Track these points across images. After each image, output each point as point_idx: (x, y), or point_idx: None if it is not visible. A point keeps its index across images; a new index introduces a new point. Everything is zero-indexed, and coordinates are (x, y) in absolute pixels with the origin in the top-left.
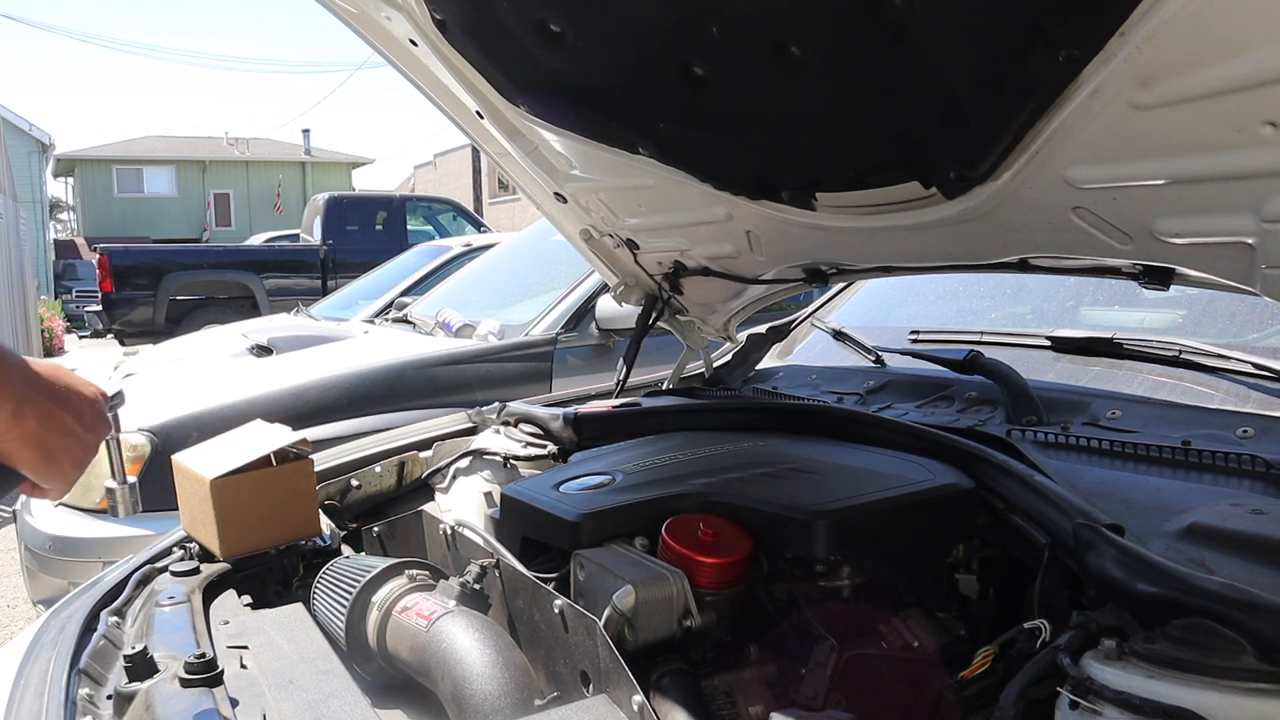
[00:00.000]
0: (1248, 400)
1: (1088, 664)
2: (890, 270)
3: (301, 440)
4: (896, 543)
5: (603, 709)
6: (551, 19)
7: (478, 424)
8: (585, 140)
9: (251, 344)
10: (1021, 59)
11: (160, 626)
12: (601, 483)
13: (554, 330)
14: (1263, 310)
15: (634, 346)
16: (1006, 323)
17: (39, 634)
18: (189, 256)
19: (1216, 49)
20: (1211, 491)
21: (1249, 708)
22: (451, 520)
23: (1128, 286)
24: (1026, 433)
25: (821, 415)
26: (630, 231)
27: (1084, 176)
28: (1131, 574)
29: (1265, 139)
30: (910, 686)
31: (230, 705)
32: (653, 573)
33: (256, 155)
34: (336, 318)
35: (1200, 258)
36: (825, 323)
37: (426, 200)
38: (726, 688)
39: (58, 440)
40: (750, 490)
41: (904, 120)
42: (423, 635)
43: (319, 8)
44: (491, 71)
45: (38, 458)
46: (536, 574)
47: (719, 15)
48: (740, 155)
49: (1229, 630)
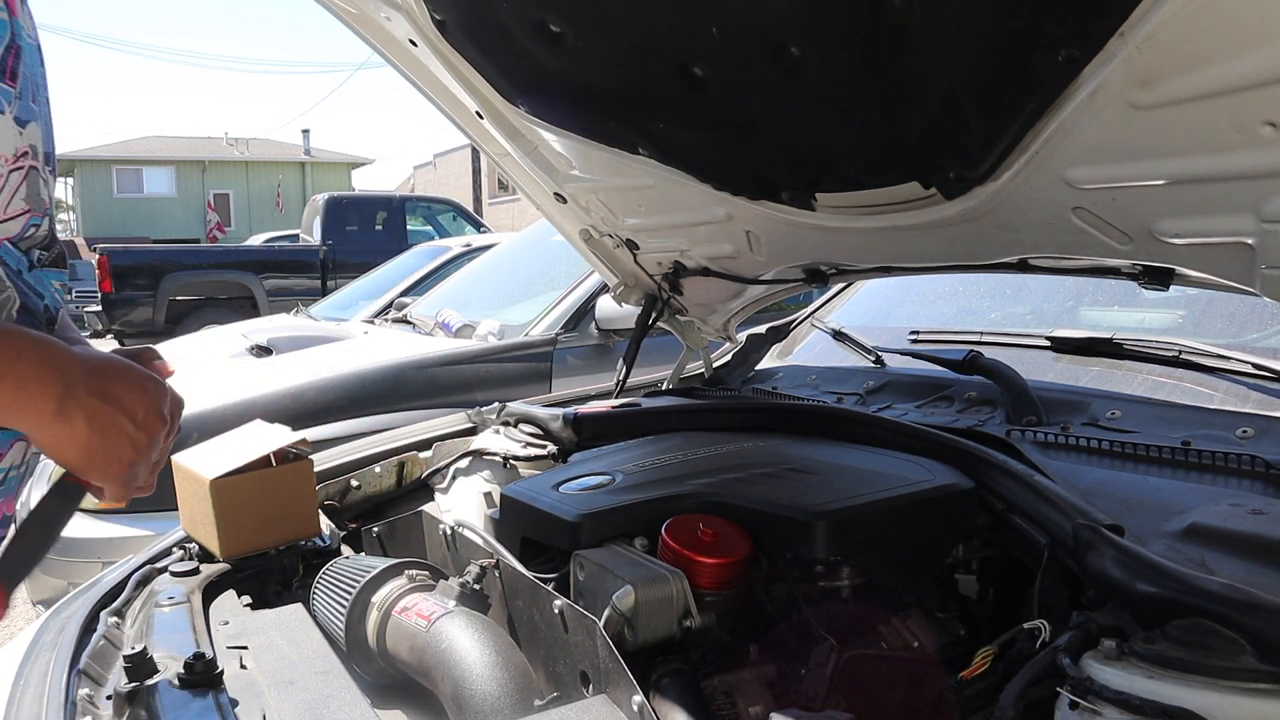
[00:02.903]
0: (1247, 400)
1: (1087, 664)
2: (890, 270)
3: (301, 440)
4: (896, 543)
5: (602, 709)
6: (551, 19)
7: (477, 424)
8: (585, 140)
9: (251, 344)
10: (1021, 59)
11: (160, 627)
12: (601, 483)
13: (554, 330)
14: (1263, 310)
15: (634, 346)
16: (1006, 323)
17: (39, 634)
18: (188, 257)
19: (1216, 49)
20: (1211, 492)
21: (1249, 708)
22: (451, 520)
23: (1128, 286)
24: (1026, 433)
25: (821, 415)
26: (630, 232)
27: (1084, 176)
28: (1131, 574)
29: (1265, 139)
30: (910, 687)
31: (230, 705)
32: (653, 573)
33: (256, 155)
34: (336, 318)
35: (1200, 258)
36: (825, 323)
37: (426, 201)
38: (726, 688)
39: (105, 439)
40: (750, 490)
41: (904, 120)
42: (423, 635)
43: (319, 8)
44: (491, 71)
45: (84, 457)
46: (536, 574)
47: (719, 15)
48: (740, 155)
49: (1229, 630)
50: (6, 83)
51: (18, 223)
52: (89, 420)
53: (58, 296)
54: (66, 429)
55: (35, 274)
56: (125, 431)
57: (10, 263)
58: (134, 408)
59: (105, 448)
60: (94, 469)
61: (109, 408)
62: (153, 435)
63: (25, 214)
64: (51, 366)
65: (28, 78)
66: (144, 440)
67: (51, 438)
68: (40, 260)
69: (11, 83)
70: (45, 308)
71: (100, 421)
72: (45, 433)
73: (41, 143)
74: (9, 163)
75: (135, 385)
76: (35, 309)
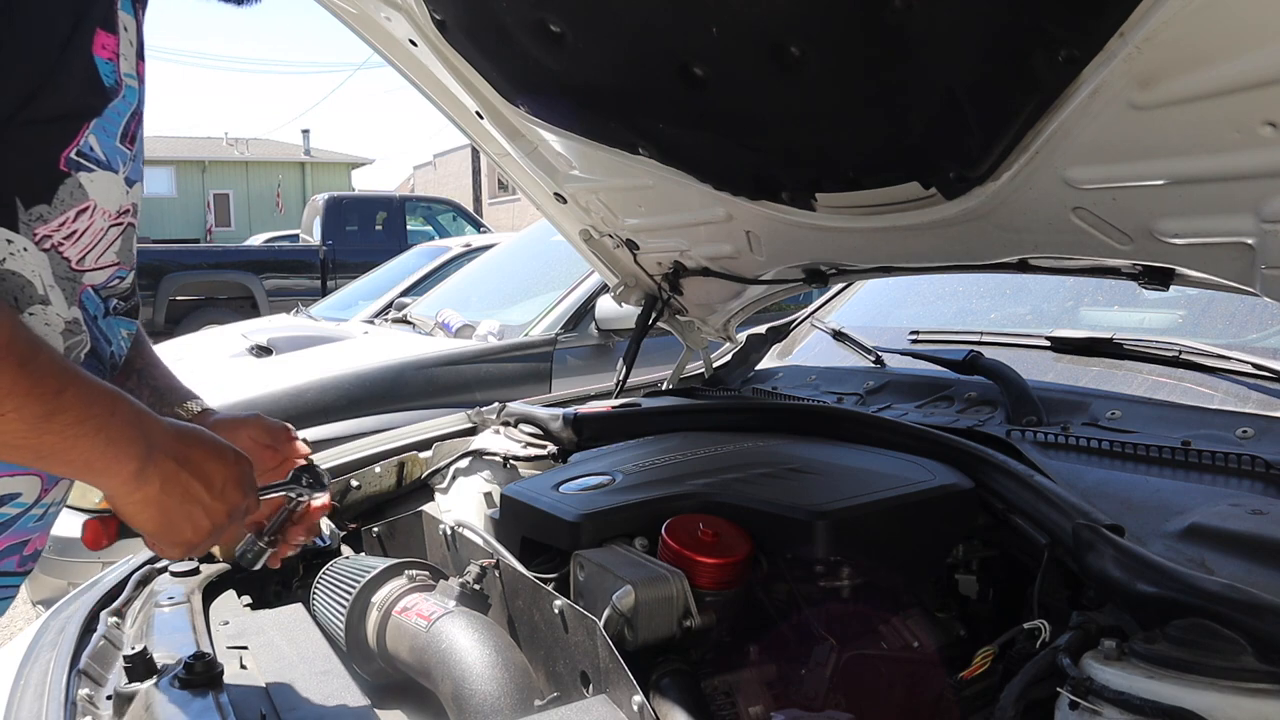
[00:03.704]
0: (1247, 400)
1: (1087, 664)
2: (890, 270)
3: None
4: (896, 543)
5: (602, 709)
6: (551, 19)
7: (477, 424)
8: (585, 140)
9: (251, 344)
10: (1021, 59)
11: (160, 627)
12: (601, 483)
13: (554, 330)
14: (1263, 310)
15: (634, 347)
16: (1006, 323)
17: (39, 634)
18: (188, 257)
19: (1216, 49)
20: (1211, 492)
21: (1249, 708)
22: (451, 520)
23: (1128, 286)
24: (1026, 433)
25: (821, 415)
26: (630, 232)
27: (1084, 177)
28: (1131, 574)
29: (1265, 139)
30: (910, 687)
31: (230, 705)
32: (653, 573)
33: (256, 156)
34: (336, 318)
35: (1200, 258)
36: (825, 323)
37: (426, 201)
38: (726, 688)
39: (179, 506)
40: (750, 490)
41: (904, 120)
42: (423, 635)
43: (319, 8)
44: (491, 71)
45: (156, 521)
46: (536, 574)
47: (719, 15)
48: (740, 155)
49: (1229, 630)
50: (126, 145)
51: (105, 273)
52: (163, 483)
53: (123, 344)
54: (141, 491)
55: (107, 320)
56: (200, 500)
57: (89, 307)
58: (212, 476)
59: (183, 514)
60: (168, 535)
61: (185, 473)
62: (231, 507)
63: (115, 266)
64: (138, 428)
65: (141, 141)
66: (221, 511)
67: (127, 498)
68: (115, 309)
69: (130, 145)
70: (110, 354)
71: (173, 487)
72: (121, 492)
73: (141, 199)
74: (111, 218)
75: (216, 454)
76: (103, 354)
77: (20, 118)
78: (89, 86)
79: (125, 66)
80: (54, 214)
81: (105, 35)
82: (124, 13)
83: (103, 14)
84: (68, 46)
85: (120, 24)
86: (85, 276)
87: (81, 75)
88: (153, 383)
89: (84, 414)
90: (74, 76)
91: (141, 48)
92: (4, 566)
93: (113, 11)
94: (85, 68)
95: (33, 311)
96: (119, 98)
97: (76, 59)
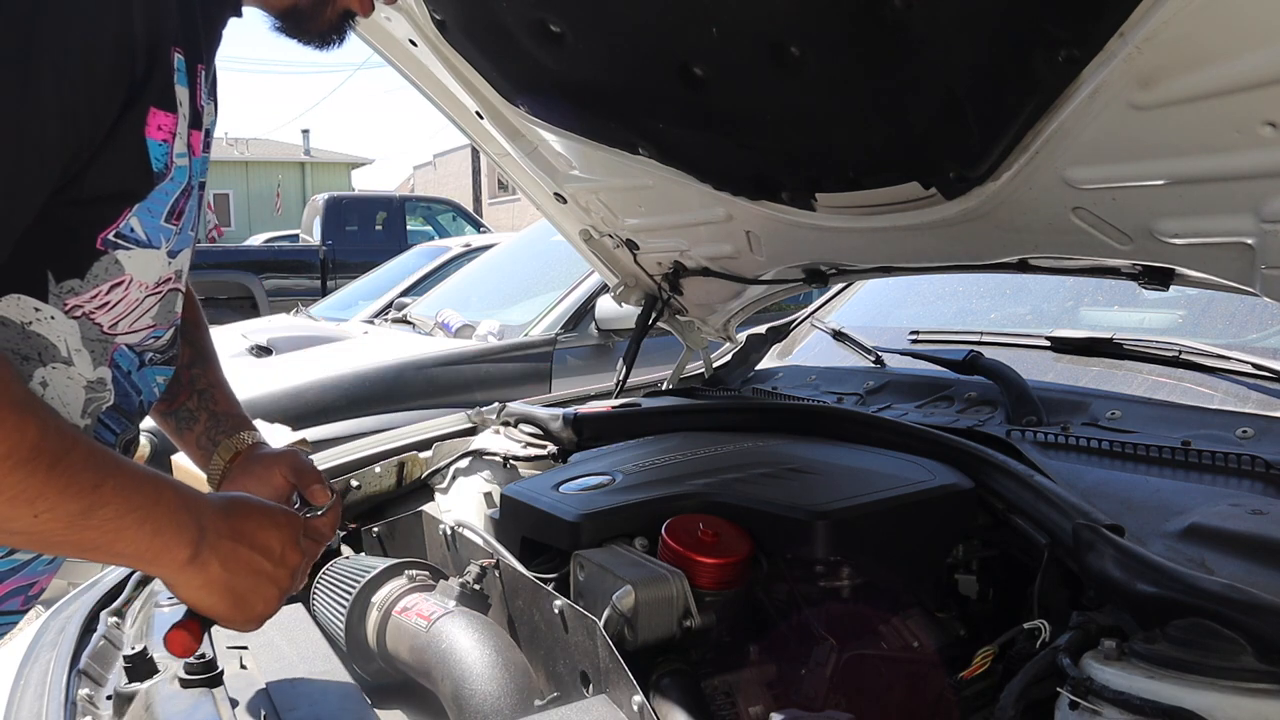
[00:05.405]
0: (1247, 400)
1: (1087, 664)
2: (890, 270)
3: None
4: (896, 543)
5: (602, 709)
6: (551, 19)
7: (477, 424)
8: (585, 140)
9: (251, 344)
10: (1021, 59)
11: (160, 627)
12: (601, 483)
13: (553, 330)
14: (1263, 310)
15: (634, 347)
16: (1006, 323)
17: (39, 634)
18: None
19: (1216, 49)
20: (1211, 492)
21: (1249, 708)
22: (451, 520)
23: (1128, 286)
24: (1026, 433)
25: (821, 415)
26: (630, 232)
27: (1084, 177)
28: (1131, 574)
29: (1265, 139)
30: (910, 687)
31: (230, 705)
32: (653, 573)
33: (256, 156)
34: (336, 318)
35: (1200, 258)
36: (825, 323)
37: (426, 201)
38: (726, 688)
39: (245, 581)
40: (750, 490)
41: (904, 120)
42: (423, 636)
43: None
44: (491, 71)
45: (225, 602)
46: (536, 574)
47: (719, 15)
48: (740, 155)
49: (1229, 630)
50: (171, 222)
51: (140, 334)
52: (223, 564)
53: (155, 391)
54: (201, 575)
55: (142, 372)
56: (264, 571)
57: (122, 364)
58: (270, 545)
59: (251, 589)
60: (239, 613)
61: (244, 549)
62: (293, 569)
63: (150, 328)
64: (187, 512)
65: (190, 211)
66: (285, 576)
67: (187, 584)
68: (151, 360)
69: (175, 222)
70: (140, 403)
71: (235, 565)
72: (181, 579)
73: (187, 263)
74: (148, 289)
75: (270, 522)
76: (129, 407)
77: (61, 197)
78: (135, 171)
79: (179, 146)
80: (86, 288)
81: (162, 115)
82: (180, 86)
83: (159, 92)
84: (117, 128)
85: (177, 99)
86: (119, 339)
87: (130, 158)
88: (212, 406)
89: (125, 507)
90: (122, 159)
91: (197, 117)
92: (8, 606)
93: (170, 88)
94: (136, 151)
95: (55, 367)
96: (167, 179)
97: (127, 140)
